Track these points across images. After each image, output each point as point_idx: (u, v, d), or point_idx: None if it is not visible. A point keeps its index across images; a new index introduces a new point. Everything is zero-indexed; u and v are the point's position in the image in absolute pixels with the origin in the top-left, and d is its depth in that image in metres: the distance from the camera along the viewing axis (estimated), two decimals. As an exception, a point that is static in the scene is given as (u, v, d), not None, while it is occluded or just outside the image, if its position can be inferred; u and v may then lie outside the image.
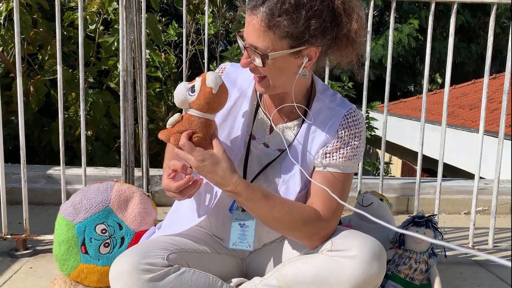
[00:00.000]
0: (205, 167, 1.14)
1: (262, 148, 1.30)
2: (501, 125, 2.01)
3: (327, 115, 1.27)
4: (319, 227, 1.20)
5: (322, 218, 1.20)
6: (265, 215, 1.18)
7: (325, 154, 1.25)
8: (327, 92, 1.31)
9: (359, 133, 1.27)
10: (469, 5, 11.29)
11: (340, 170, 1.25)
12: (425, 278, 1.63)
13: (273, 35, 1.11)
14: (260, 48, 1.13)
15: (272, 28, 1.10)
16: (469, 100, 9.29)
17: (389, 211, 1.84)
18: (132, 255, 1.13)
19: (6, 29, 3.22)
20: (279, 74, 1.18)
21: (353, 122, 1.26)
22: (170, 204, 1.44)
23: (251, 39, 1.14)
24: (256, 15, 1.11)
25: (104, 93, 3.59)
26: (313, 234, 1.20)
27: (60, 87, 1.88)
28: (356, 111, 1.29)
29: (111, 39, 3.33)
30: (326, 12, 1.12)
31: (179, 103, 1.18)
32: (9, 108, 3.39)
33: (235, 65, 1.37)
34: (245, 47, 1.16)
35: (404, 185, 2.84)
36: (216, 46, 4.56)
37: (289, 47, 1.13)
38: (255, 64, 1.17)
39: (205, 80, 1.15)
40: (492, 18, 1.99)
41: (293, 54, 1.15)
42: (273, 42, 1.12)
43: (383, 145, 2.14)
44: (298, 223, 1.18)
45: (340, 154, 1.25)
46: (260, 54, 1.13)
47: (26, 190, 1.90)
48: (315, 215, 1.20)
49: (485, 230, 2.18)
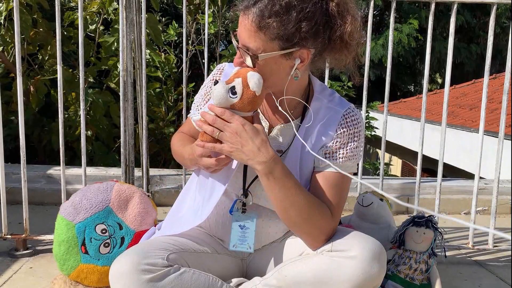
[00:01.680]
0: (245, 132, 1.12)
1: None
2: (501, 125, 2.01)
3: (326, 115, 1.27)
4: (329, 223, 1.20)
5: (331, 218, 1.21)
6: (289, 200, 1.16)
7: (324, 155, 1.25)
8: (325, 91, 1.31)
9: (358, 132, 1.26)
10: (469, 5, 11.30)
11: (340, 170, 1.25)
12: (425, 278, 1.63)
13: (263, 36, 1.11)
14: (251, 49, 1.13)
15: (262, 29, 1.11)
16: (469, 100, 9.29)
17: (389, 211, 1.84)
18: (132, 255, 1.13)
19: (6, 29, 3.22)
20: (270, 74, 1.17)
21: (352, 122, 1.26)
22: (170, 204, 1.44)
23: (243, 40, 1.14)
24: (247, 16, 1.12)
25: (104, 93, 3.59)
26: (321, 231, 1.19)
27: (60, 87, 1.88)
28: (354, 111, 1.28)
29: (111, 39, 3.34)
30: (319, 15, 1.12)
31: (219, 103, 1.14)
32: (9, 108, 3.39)
33: (233, 65, 1.37)
34: (238, 47, 1.17)
35: (404, 185, 2.84)
36: (216, 46, 4.56)
37: (280, 48, 1.13)
38: (247, 64, 1.17)
39: (247, 82, 1.13)
40: (492, 18, 1.99)
41: (284, 55, 1.15)
42: (264, 43, 1.12)
43: (383, 145, 2.14)
44: (314, 217, 1.18)
45: (340, 154, 1.25)
46: (250, 55, 1.13)
47: (26, 190, 1.90)
48: (329, 214, 1.21)
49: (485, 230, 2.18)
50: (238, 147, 1.13)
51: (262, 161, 1.14)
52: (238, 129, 1.12)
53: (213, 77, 1.38)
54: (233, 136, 1.12)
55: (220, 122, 1.13)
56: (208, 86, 1.38)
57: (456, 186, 2.86)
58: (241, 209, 1.27)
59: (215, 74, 1.38)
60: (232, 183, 1.28)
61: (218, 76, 1.37)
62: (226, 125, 1.13)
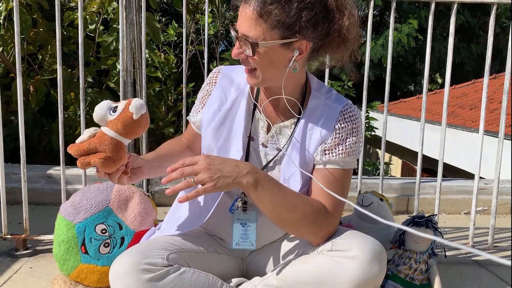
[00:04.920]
0: (214, 159, 1.13)
1: (261, 149, 1.31)
2: (501, 125, 2.01)
3: (323, 112, 1.27)
4: (327, 221, 1.21)
5: (329, 213, 1.21)
6: (280, 204, 1.16)
7: (324, 151, 1.25)
8: (323, 89, 1.32)
9: (356, 128, 1.27)
10: (469, 5, 11.29)
11: (339, 166, 1.26)
12: (425, 278, 1.63)
13: (264, 24, 1.12)
14: (251, 37, 1.14)
15: (264, 16, 1.11)
16: (469, 100, 9.29)
17: (389, 211, 1.84)
18: (132, 255, 1.13)
19: (6, 29, 3.22)
20: (269, 65, 1.18)
21: (350, 118, 1.27)
22: (170, 204, 1.44)
23: (243, 29, 1.15)
24: (249, 4, 1.13)
25: (103, 92, 3.59)
26: (321, 228, 1.20)
27: (60, 87, 1.88)
28: (352, 107, 1.29)
29: (109, 38, 3.33)
30: (318, 6, 1.13)
31: (97, 118, 1.17)
32: (9, 108, 3.39)
33: (230, 67, 1.39)
34: (237, 37, 1.17)
35: (404, 185, 2.84)
36: (216, 46, 4.56)
37: (280, 37, 1.14)
38: (246, 54, 1.17)
39: (129, 103, 1.17)
40: (492, 18, 1.99)
41: (283, 45, 1.15)
42: (264, 31, 1.13)
43: (383, 145, 2.14)
44: (309, 214, 1.18)
45: (339, 150, 1.25)
46: (250, 42, 1.14)
47: (26, 190, 1.90)
48: (324, 209, 1.21)
49: (485, 230, 2.18)
50: (218, 174, 1.12)
51: (245, 172, 1.14)
52: (206, 162, 1.12)
53: (211, 80, 1.38)
54: (207, 171, 1.11)
55: (188, 169, 1.12)
56: (205, 90, 1.38)
57: (456, 186, 2.86)
58: (242, 208, 1.27)
59: (212, 77, 1.38)
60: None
61: (215, 78, 1.37)
62: (194, 167, 1.12)
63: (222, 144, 1.29)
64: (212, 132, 1.30)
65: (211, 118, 1.32)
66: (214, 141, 1.30)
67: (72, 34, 3.51)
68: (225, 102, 1.32)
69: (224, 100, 1.32)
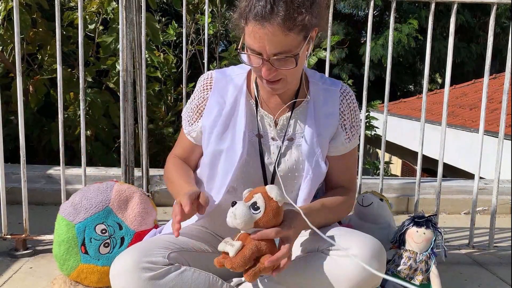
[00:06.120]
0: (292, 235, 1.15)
1: (272, 143, 1.31)
2: (501, 125, 2.01)
3: (325, 96, 1.33)
4: (352, 199, 1.40)
5: (351, 191, 1.39)
6: (323, 224, 1.30)
7: (345, 139, 1.34)
8: (316, 75, 1.37)
9: (354, 105, 1.37)
10: (469, 5, 11.29)
11: (352, 145, 1.37)
12: (425, 278, 1.63)
13: (293, 34, 1.12)
14: (286, 52, 1.13)
15: (292, 28, 1.11)
16: (469, 100, 9.29)
17: (389, 211, 1.84)
18: (133, 254, 1.13)
19: (5, 29, 3.22)
20: (300, 67, 1.22)
21: (350, 97, 1.35)
22: (170, 204, 1.44)
23: (273, 49, 1.12)
24: (270, 23, 1.09)
25: (102, 93, 3.58)
26: (351, 206, 1.41)
27: (60, 87, 1.88)
28: (345, 86, 1.37)
29: (109, 38, 3.33)
30: None
31: (244, 225, 1.10)
32: (9, 108, 3.39)
33: (220, 70, 1.38)
34: (266, 60, 1.14)
35: (404, 185, 2.84)
36: (215, 46, 4.56)
37: (304, 38, 1.15)
38: (283, 70, 1.16)
39: (268, 194, 1.11)
40: (492, 18, 1.98)
41: (306, 42, 1.17)
42: (295, 40, 1.13)
43: (383, 145, 2.14)
44: (343, 209, 1.37)
45: (353, 131, 1.35)
46: (292, 56, 1.14)
47: (26, 190, 1.90)
48: (348, 195, 1.37)
49: (485, 230, 2.18)
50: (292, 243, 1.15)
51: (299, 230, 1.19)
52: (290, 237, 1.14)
53: (205, 86, 1.35)
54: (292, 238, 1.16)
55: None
56: (200, 97, 1.35)
57: (456, 186, 2.86)
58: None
59: (205, 83, 1.35)
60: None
61: (209, 84, 1.34)
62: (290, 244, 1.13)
63: (229, 145, 1.28)
64: (217, 137, 1.30)
65: (213, 124, 1.31)
66: (221, 145, 1.29)
67: (71, 34, 3.51)
68: (224, 106, 1.31)
69: (223, 104, 1.32)
